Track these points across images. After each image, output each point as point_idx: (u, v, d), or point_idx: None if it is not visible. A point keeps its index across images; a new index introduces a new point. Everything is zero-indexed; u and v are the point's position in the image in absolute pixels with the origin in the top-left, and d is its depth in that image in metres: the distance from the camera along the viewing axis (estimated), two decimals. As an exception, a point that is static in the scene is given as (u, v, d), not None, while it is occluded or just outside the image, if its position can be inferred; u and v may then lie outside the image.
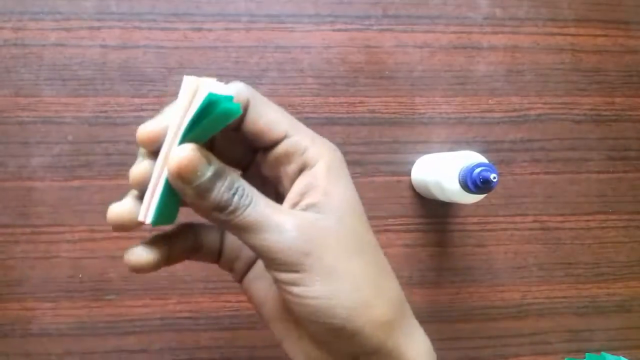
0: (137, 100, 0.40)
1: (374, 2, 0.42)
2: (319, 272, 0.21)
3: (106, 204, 0.40)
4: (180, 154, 0.20)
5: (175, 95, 0.41)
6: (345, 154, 0.42)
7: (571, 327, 0.42)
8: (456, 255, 0.41)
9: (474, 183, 0.31)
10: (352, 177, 0.42)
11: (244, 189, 0.21)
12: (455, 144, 0.42)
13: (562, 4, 0.44)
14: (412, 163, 0.42)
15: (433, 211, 0.42)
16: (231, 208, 0.21)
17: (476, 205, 0.42)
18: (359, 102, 0.41)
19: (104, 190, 0.39)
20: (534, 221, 0.42)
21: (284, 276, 0.21)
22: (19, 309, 0.38)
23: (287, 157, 0.24)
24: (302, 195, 0.24)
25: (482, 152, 0.42)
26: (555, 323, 0.42)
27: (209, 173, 0.21)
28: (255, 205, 0.21)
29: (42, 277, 0.38)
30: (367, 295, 0.23)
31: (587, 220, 0.43)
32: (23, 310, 0.38)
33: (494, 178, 0.30)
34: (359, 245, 0.23)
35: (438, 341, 0.41)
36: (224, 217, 0.21)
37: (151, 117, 0.38)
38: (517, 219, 0.42)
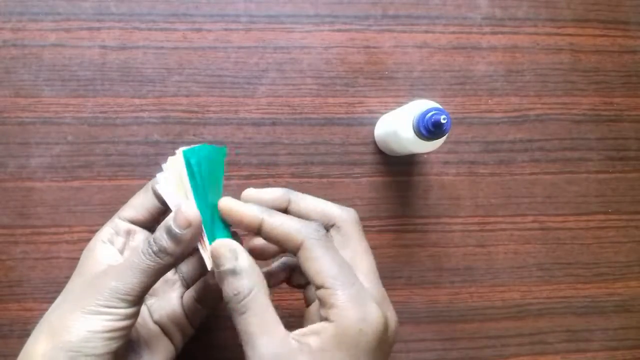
0: (136, 101, 0.40)
1: (374, 2, 0.42)
2: None
3: (106, 204, 0.40)
4: (217, 243, 0.27)
5: (174, 95, 0.41)
6: (345, 154, 0.42)
7: (571, 327, 0.42)
8: (456, 255, 0.42)
9: (426, 128, 0.31)
10: (353, 178, 0.42)
11: (244, 296, 0.25)
12: (455, 144, 0.42)
13: (561, 4, 0.44)
14: (412, 163, 0.42)
15: (433, 211, 0.42)
16: (229, 304, 0.26)
17: (476, 205, 0.42)
18: (359, 103, 0.41)
19: (103, 191, 0.39)
20: (534, 221, 0.42)
21: None
22: (19, 310, 0.38)
23: (318, 299, 0.26)
24: (318, 308, 0.26)
25: (482, 152, 0.42)
26: (555, 323, 0.42)
27: (228, 266, 0.26)
28: (245, 318, 0.25)
29: (41, 278, 0.38)
30: None
31: (587, 220, 0.43)
32: (22, 310, 0.38)
33: (444, 119, 0.30)
34: None
35: (438, 341, 0.41)
36: (228, 308, 0.26)
37: (151, 117, 0.38)
38: (517, 219, 0.42)
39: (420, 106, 0.33)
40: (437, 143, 0.34)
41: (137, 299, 0.26)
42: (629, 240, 0.43)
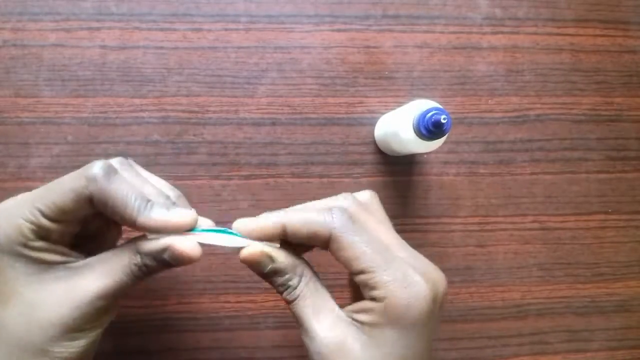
0: (136, 101, 0.40)
1: (374, 2, 0.42)
2: None
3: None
4: (248, 251, 0.27)
5: (174, 95, 0.41)
6: (345, 154, 0.42)
7: (571, 327, 0.42)
8: (456, 255, 0.42)
9: (427, 128, 0.31)
10: (353, 178, 0.42)
11: (294, 287, 0.27)
12: (455, 144, 0.42)
13: (561, 4, 0.44)
14: (412, 163, 0.42)
15: (433, 211, 0.42)
16: (282, 296, 0.27)
17: (476, 205, 0.42)
18: (359, 103, 0.41)
19: (103, 191, 0.39)
20: (534, 221, 0.42)
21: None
22: (19, 310, 0.38)
23: (361, 285, 0.27)
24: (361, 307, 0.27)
25: (482, 152, 0.42)
26: (555, 323, 0.42)
27: (267, 269, 0.27)
28: (296, 304, 0.27)
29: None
30: None
31: (587, 220, 0.43)
32: (23, 311, 0.38)
33: (444, 119, 0.30)
34: None
35: (438, 341, 0.41)
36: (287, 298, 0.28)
37: (151, 117, 0.39)
38: (517, 219, 0.42)
39: (420, 106, 0.33)
40: (437, 143, 0.34)
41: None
42: (629, 240, 0.43)
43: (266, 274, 0.27)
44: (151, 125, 0.40)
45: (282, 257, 0.27)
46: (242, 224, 0.27)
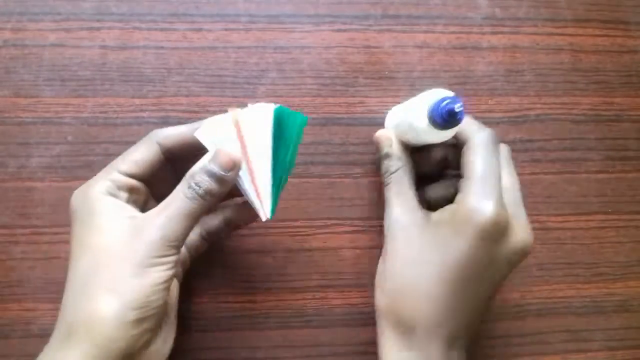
0: (136, 101, 0.40)
1: (374, 2, 0.42)
2: (386, 248, 0.33)
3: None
4: (379, 132, 0.36)
5: (174, 95, 0.41)
6: (345, 154, 0.42)
7: (571, 327, 0.42)
8: (456, 255, 0.41)
9: (441, 116, 0.31)
10: (353, 178, 0.42)
11: (392, 172, 0.34)
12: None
13: (561, 4, 0.44)
14: (411, 163, 0.42)
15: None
16: (382, 177, 0.35)
17: (476, 205, 0.42)
18: (359, 103, 0.41)
19: (103, 191, 0.39)
20: (534, 221, 0.42)
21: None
22: (19, 310, 0.38)
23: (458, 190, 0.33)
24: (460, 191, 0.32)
25: (482, 152, 0.42)
26: (555, 323, 0.42)
27: (384, 151, 0.35)
28: (388, 187, 0.34)
29: (42, 278, 0.38)
30: (403, 301, 0.31)
31: (587, 220, 0.43)
32: (23, 311, 0.38)
33: (459, 108, 0.30)
34: (417, 265, 0.31)
35: (438, 341, 0.41)
36: (383, 179, 0.35)
37: (151, 117, 0.39)
38: (517, 219, 0.42)
39: (433, 95, 0.33)
40: (451, 132, 0.33)
41: (182, 243, 0.28)
42: (629, 240, 0.43)
43: (381, 155, 0.35)
44: (151, 125, 0.40)
45: (396, 147, 0.35)
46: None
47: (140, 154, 0.31)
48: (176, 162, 0.32)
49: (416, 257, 0.31)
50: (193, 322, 0.39)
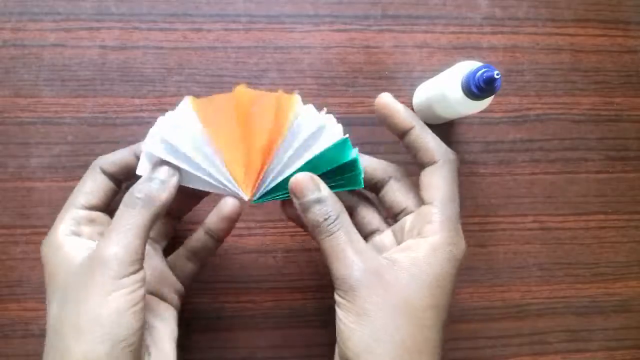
0: (136, 101, 0.40)
1: (374, 2, 0.42)
2: (358, 310, 0.26)
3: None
4: (299, 176, 0.28)
5: (174, 95, 0.41)
6: (344, 154, 0.42)
7: (571, 327, 0.42)
8: (456, 255, 0.41)
9: (477, 85, 0.30)
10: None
11: (334, 219, 0.27)
12: (455, 144, 0.42)
13: (561, 4, 0.44)
14: (411, 164, 0.41)
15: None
16: (318, 229, 0.27)
17: (476, 205, 0.42)
18: (359, 103, 0.41)
19: (103, 191, 0.39)
20: (534, 221, 0.42)
21: (336, 294, 0.27)
22: (19, 310, 0.38)
23: (416, 215, 0.30)
24: (411, 229, 0.29)
25: (482, 152, 0.42)
26: (555, 323, 0.42)
27: (312, 197, 0.27)
28: (335, 238, 0.27)
29: (41, 278, 0.38)
30: (381, 351, 0.25)
31: (587, 220, 0.43)
32: (23, 311, 0.38)
33: (497, 75, 0.30)
34: (409, 315, 0.26)
35: (438, 341, 0.41)
36: (314, 233, 0.28)
37: (151, 117, 0.38)
38: (517, 219, 0.42)
39: (467, 66, 0.33)
40: (484, 103, 0.33)
41: (141, 258, 0.26)
42: (629, 240, 0.43)
43: (308, 201, 0.27)
44: (151, 125, 0.40)
45: (326, 189, 0.28)
46: (385, 96, 0.30)
47: (90, 186, 0.30)
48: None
49: (398, 304, 0.26)
50: (193, 322, 0.39)
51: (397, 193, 0.31)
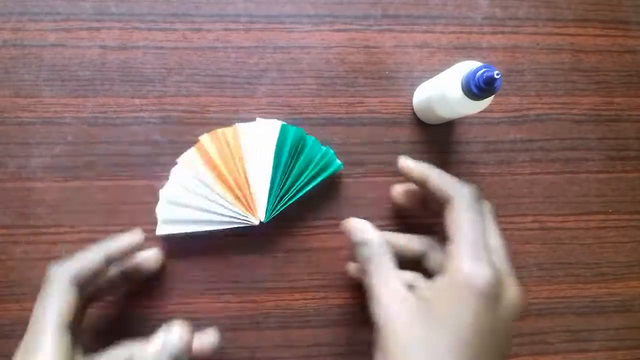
0: (136, 101, 0.40)
1: (374, 2, 0.42)
2: (381, 347, 0.28)
3: (106, 204, 0.40)
4: (353, 222, 0.33)
5: (174, 95, 0.41)
6: (345, 154, 0.42)
7: (571, 327, 0.42)
8: (456, 255, 0.41)
9: (477, 86, 0.30)
10: (353, 178, 0.42)
11: (375, 260, 0.31)
12: (455, 144, 0.42)
13: (561, 4, 0.44)
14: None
15: (433, 211, 0.41)
16: (362, 266, 0.32)
17: (476, 205, 0.42)
18: (359, 102, 0.41)
19: (104, 191, 0.39)
20: (534, 221, 0.42)
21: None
22: (19, 310, 0.38)
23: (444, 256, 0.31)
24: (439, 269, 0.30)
25: (482, 152, 0.42)
26: (555, 323, 0.42)
27: (358, 238, 0.32)
28: (369, 273, 0.31)
29: (41, 278, 0.38)
30: None
31: (587, 220, 0.43)
32: (22, 310, 0.38)
33: (497, 75, 0.30)
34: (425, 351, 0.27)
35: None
36: (363, 267, 0.32)
37: (151, 117, 0.38)
38: (517, 219, 0.42)
39: (467, 66, 0.33)
40: (484, 103, 0.33)
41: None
42: (629, 240, 0.43)
43: (357, 242, 0.32)
44: (151, 125, 0.40)
45: (371, 233, 0.32)
46: (405, 162, 0.34)
47: (66, 306, 0.30)
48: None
49: (419, 343, 0.27)
50: (193, 322, 0.39)
51: (447, 217, 0.31)
